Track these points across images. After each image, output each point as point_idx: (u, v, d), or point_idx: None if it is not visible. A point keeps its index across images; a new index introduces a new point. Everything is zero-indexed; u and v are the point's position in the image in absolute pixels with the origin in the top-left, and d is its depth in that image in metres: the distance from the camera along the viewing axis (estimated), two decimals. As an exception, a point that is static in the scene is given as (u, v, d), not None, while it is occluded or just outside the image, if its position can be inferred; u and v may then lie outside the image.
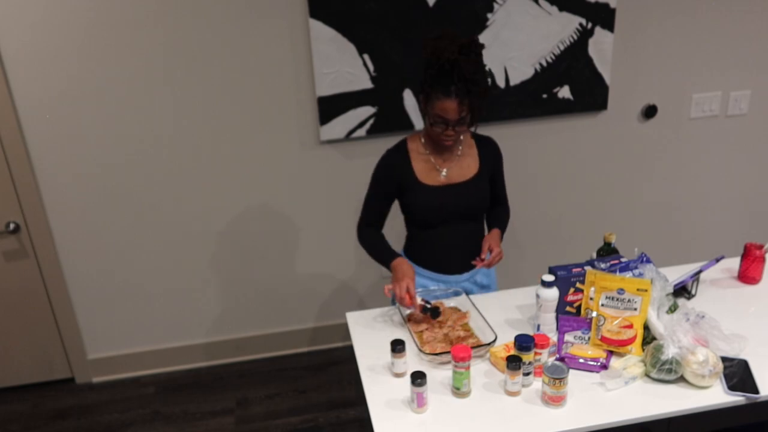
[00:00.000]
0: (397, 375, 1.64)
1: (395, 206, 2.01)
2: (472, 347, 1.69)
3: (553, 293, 1.72)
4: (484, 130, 2.79)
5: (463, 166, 1.94)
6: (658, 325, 1.64)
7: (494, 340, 1.69)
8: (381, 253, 1.96)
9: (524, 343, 1.53)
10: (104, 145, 2.58)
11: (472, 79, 1.70)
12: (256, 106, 2.62)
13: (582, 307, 1.76)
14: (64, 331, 2.86)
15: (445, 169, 1.92)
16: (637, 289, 1.65)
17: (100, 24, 2.40)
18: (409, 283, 1.81)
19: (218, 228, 2.81)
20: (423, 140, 1.93)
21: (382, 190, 1.96)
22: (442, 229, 1.96)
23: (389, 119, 2.68)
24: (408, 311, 1.87)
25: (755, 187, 3.23)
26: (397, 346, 1.61)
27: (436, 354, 1.68)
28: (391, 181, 1.93)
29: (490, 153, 1.99)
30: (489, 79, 1.80)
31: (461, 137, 1.93)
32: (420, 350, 1.70)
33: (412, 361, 1.70)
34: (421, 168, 1.91)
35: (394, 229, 2.08)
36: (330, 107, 2.63)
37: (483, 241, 1.96)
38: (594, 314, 1.68)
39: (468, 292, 1.99)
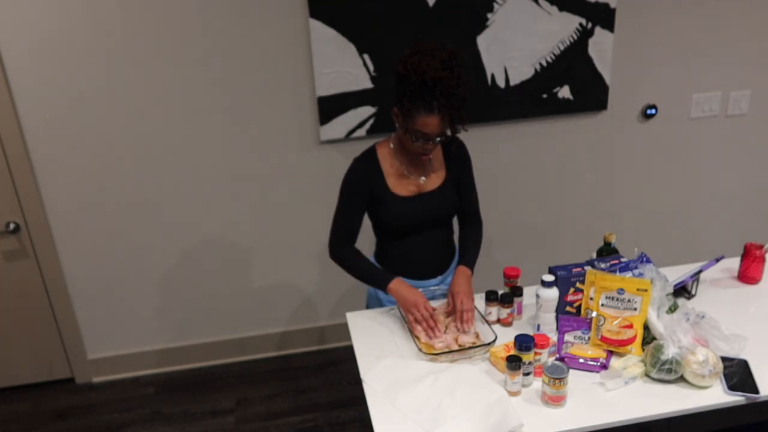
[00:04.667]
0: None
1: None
2: (472, 347, 1.70)
3: (553, 293, 1.72)
4: (484, 131, 2.82)
5: (433, 172, 1.90)
6: (658, 325, 1.64)
7: (494, 340, 1.69)
8: (371, 276, 1.89)
9: (524, 343, 1.53)
10: (104, 145, 2.58)
11: (455, 94, 1.65)
12: (256, 106, 2.62)
13: (582, 307, 1.76)
14: (64, 331, 2.86)
15: (420, 179, 1.88)
16: (637, 289, 1.65)
17: (100, 24, 2.40)
18: (426, 305, 1.77)
19: (218, 228, 2.81)
20: (392, 147, 1.87)
21: (355, 202, 1.87)
22: (413, 237, 1.92)
23: (389, 119, 2.68)
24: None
25: (755, 187, 3.23)
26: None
27: (436, 354, 1.68)
28: (364, 193, 1.86)
29: (455, 155, 1.92)
30: (472, 87, 1.72)
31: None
32: (420, 350, 1.70)
33: (412, 361, 1.70)
34: (393, 178, 1.86)
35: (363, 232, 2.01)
36: (330, 107, 2.63)
37: (451, 286, 1.84)
38: (594, 314, 1.68)
39: (443, 295, 1.97)
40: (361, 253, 1.94)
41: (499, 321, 1.86)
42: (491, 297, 1.85)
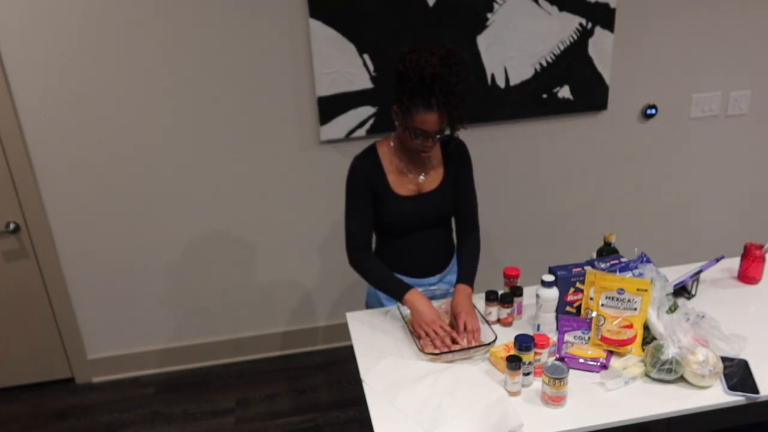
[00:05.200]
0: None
1: None
2: (472, 347, 1.70)
3: (553, 293, 1.72)
4: (484, 131, 2.82)
5: (432, 173, 1.90)
6: (658, 325, 1.64)
7: (494, 340, 1.69)
8: (389, 286, 1.87)
9: (524, 343, 1.53)
10: (104, 145, 2.58)
11: (453, 91, 1.64)
12: (256, 106, 2.62)
13: (582, 307, 1.76)
14: (64, 331, 2.86)
15: (419, 177, 1.87)
16: (637, 289, 1.65)
17: (100, 24, 2.40)
18: (443, 325, 1.74)
19: (218, 228, 2.81)
20: (392, 145, 1.87)
21: (363, 200, 1.86)
22: (412, 236, 1.92)
23: (389, 119, 2.68)
24: (408, 311, 1.86)
25: (755, 187, 3.23)
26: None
27: (436, 354, 1.68)
28: (368, 190, 1.85)
29: (454, 153, 1.92)
30: (470, 85, 1.73)
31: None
32: (420, 350, 1.70)
33: (412, 361, 1.70)
34: (393, 177, 1.86)
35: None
36: (330, 107, 2.63)
37: (453, 306, 1.80)
38: (594, 314, 1.68)
39: (443, 295, 1.96)
40: (377, 260, 1.92)
41: (499, 321, 1.86)
42: (491, 297, 1.84)
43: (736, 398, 1.51)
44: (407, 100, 1.67)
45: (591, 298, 1.72)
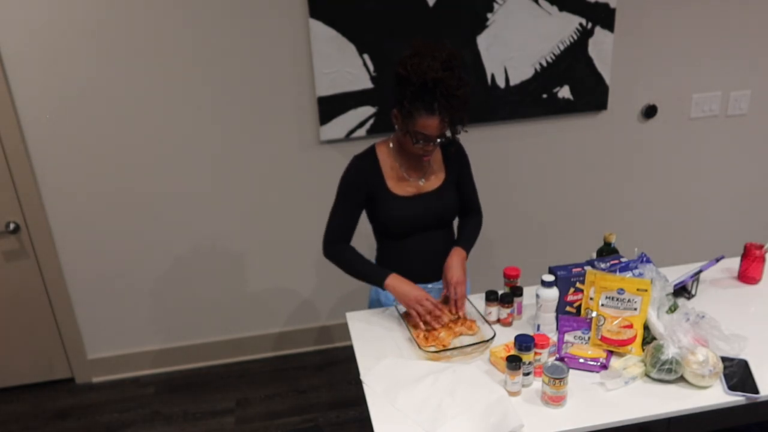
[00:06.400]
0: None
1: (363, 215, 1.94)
2: (472, 344, 1.70)
3: (553, 293, 1.72)
4: (484, 131, 2.82)
5: (432, 174, 1.90)
6: (658, 325, 1.64)
7: (493, 337, 1.69)
8: (367, 272, 1.87)
9: (524, 343, 1.53)
10: (104, 145, 2.58)
11: (455, 95, 1.64)
12: (256, 106, 2.62)
13: (582, 307, 1.76)
14: (64, 331, 2.86)
15: (419, 180, 1.88)
16: (637, 289, 1.65)
17: (100, 25, 2.40)
18: (429, 297, 1.76)
19: (218, 228, 2.81)
20: (392, 146, 1.87)
21: (353, 201, 1.87)
22: (412, 238, 1.91)
23: (389, 119, 2.68)
24: (405, 309, 1.86)
25: (755, 187, 3.23)
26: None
27: (436, 352, 1.68)
28: (362, 191, 1.85)
29: (454, 156, 1.92)
30: (471, 87, 1.74)
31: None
32: (420, 348, 1.70)
33: (412, 361, 1.70)
34: (392, 178, 1.86)
35: (364, 235, 2.00)
36: (330, 107, 2.63)
37: (445, 270, 1.85)
38: (594, 314, 1.68)
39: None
40: (355, 250, 1.92)
41: (499, 321, 1.86)
42: (491, 297, 1.85)
43: (736, 398, 1.51)
44: (409, 104, 1.67)
45: (591, 298, 1.72)
